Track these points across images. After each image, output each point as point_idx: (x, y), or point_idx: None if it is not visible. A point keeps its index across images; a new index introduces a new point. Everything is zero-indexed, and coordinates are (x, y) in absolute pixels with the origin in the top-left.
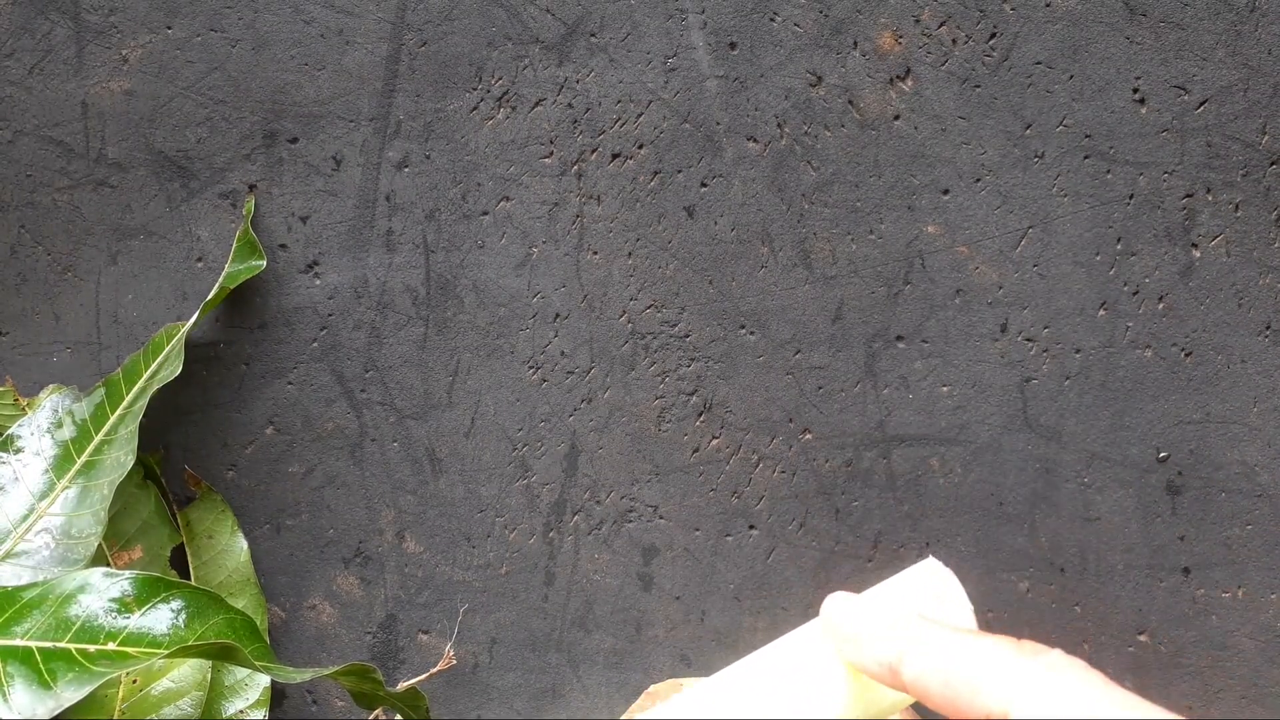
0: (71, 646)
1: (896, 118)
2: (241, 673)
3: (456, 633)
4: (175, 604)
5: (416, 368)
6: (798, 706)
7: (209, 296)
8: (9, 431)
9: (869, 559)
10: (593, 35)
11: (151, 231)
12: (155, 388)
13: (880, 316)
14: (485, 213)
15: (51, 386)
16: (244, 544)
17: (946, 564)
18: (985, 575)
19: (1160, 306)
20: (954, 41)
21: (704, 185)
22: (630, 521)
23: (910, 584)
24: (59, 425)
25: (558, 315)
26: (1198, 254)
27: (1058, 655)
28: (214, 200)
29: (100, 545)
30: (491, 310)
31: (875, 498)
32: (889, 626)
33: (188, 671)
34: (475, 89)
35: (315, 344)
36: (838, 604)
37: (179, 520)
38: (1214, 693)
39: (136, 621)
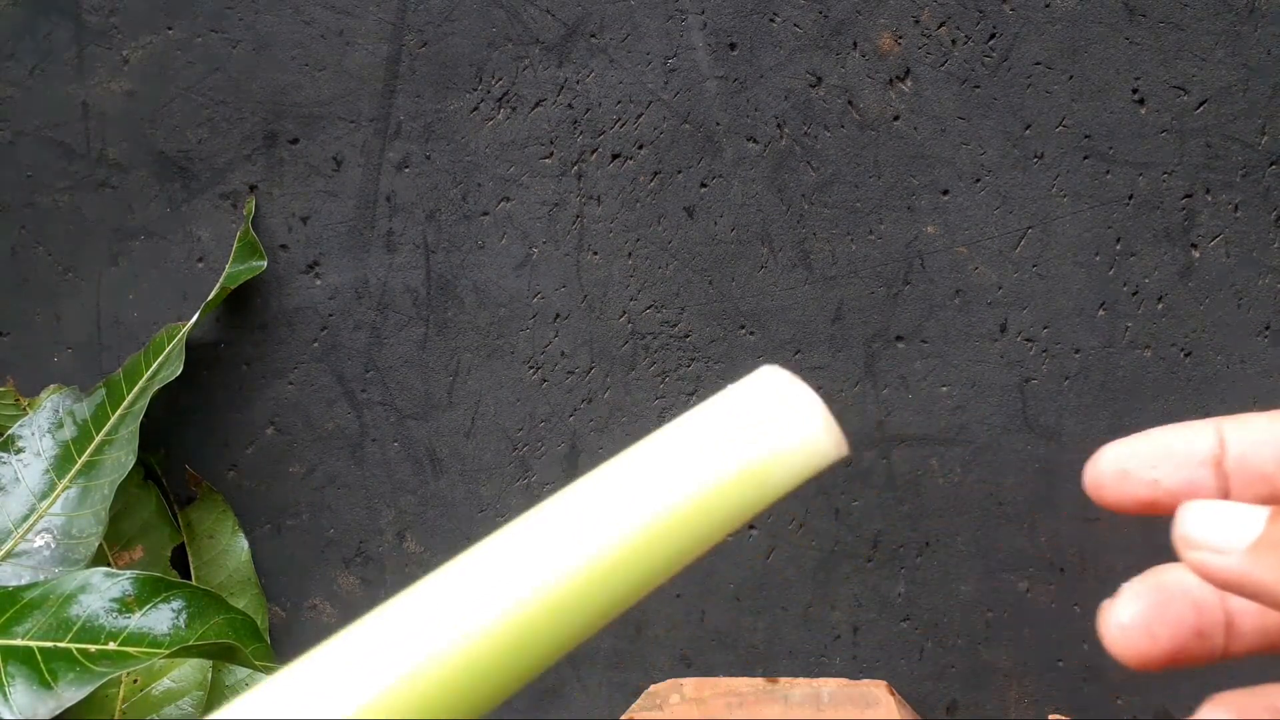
0: (72, 646)
1: (896, 118)
2: (242, 673)
3: None
4: (176, 604)
5: (417, 368)
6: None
7: (209, 297)
8: (10, 431)
9: (868, 559)
10: (593, 36)
11: (152, 232)
12: (156, 388)
13: (880, 316)
14: (485, 213)
15: (52, 387)
16: (245, 544)
17: (947, 560)
18: (985, 575)
19: (1160, 307)
20: (954, 42)
21: (704, 185)
22: None
23: (749, 394)
24: (60, 425)
25: (558, 315)
26: (1197, 254)
27: None
28: (215, 201)
29: (101, 545)
30: (492, 310)
31: (875, 498)
32: None
33: (188, 671)
34: (475, 89)
35: (316, 344)
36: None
37: (180, 520)
38: (1215, 692)
39: (137, 621)
